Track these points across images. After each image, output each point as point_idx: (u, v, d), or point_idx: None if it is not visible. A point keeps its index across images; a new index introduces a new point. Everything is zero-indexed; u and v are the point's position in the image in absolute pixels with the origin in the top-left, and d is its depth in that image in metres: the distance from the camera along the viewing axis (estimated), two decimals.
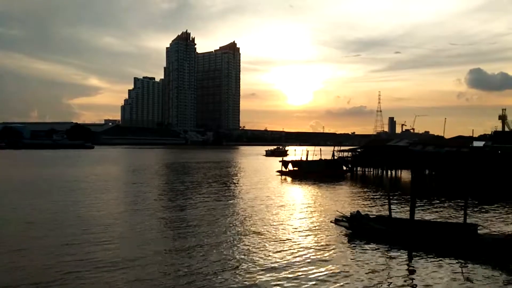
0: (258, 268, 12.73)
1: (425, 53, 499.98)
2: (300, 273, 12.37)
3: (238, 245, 15.51)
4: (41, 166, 59.50)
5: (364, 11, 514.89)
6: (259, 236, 17.01)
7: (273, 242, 15.97)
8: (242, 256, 14.02)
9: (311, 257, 14.09)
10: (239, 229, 18.28)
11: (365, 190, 35.31)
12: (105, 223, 19.32)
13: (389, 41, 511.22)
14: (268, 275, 12.16)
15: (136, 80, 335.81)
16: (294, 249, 15.08)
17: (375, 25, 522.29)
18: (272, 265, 13.10)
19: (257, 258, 13.77)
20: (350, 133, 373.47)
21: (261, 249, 14.95)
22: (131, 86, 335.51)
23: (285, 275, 12.17)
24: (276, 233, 17.67)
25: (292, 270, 12.67)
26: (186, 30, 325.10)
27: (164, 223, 19.69)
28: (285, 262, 13.49)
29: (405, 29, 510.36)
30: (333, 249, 15.07)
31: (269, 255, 14.16)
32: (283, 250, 14.85)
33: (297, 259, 13.85)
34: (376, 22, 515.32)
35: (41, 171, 50.41)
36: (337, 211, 21.02)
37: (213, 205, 25.22)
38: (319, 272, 12.49)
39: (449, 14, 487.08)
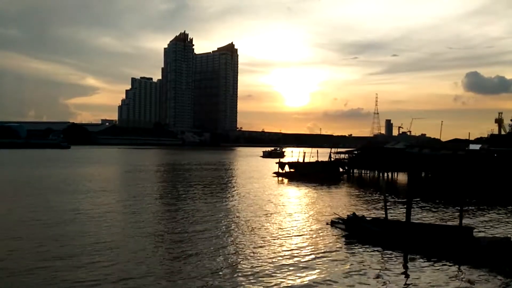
0: (253, 271, 12.64)
1: (422, 57, 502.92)
2: (295, 276, 12.32)
3: (233, 248, 15.42)
4: None
5: (362, 14, 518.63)
6: (254, 238, 16.93)
7: (268, 245, 15.90)
8: (237, 259, 13.94)
9: (307, 259, 14.04)
10: (234, 232, 18.18)
11: (361, 192, 35.30)
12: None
13: (386, 44, 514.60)
14: (263, 278, 12.10)
15: (133, 80, 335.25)
16: (290, 251, 15.01)
17: (372, 28, 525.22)
18: (267, 267, 13.03)
19: (252, 261, 13.68)
20: (347, 135, 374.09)
21: (256, 252, 14.86)
22: (128, 86, 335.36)
23: (280, 278, 12.11)
24: (271, 235, 17.60)
25: (287, 272, 12.61)
26: (184, 31, 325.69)
27: (156, 228, 19.59)
28: (281, 264, 13.42)
29: (402, 32, 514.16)
30: (329, 251, 15.02)
31: (265, 258, 14.08)
32: (279, 252, 14.78)
33: (293, 261, 13.78)
34: (373, 25, 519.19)
35: None
36: (333, 213, 21.05)
37: (207, 207, 25.08)
38: (315, 275, 12.44)
39: (446, 18, 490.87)
